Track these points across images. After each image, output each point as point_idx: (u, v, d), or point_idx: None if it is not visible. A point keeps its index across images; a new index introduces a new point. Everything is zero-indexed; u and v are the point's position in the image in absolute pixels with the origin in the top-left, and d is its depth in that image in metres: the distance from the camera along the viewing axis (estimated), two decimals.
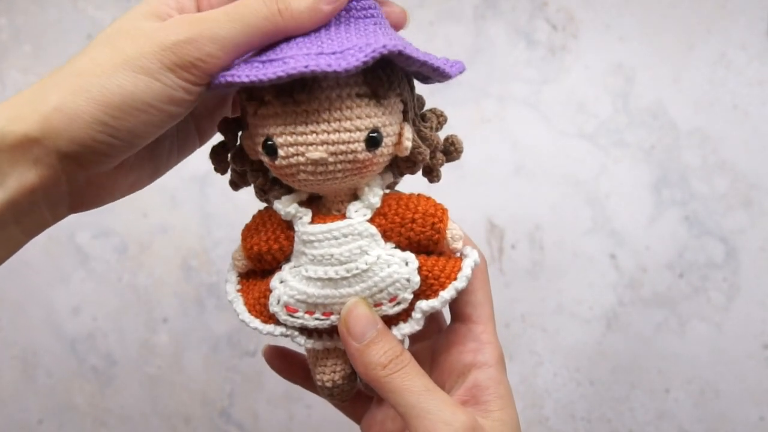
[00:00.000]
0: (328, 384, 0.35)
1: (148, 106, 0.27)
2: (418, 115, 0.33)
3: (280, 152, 0.29)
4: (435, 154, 0.33)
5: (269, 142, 0.29)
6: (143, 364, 0.71)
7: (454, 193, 0.69)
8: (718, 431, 0.67)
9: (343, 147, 0.29)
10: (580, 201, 0.69)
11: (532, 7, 0.70)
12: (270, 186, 0.33)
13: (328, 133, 0.28)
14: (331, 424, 0.71)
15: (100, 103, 0.27)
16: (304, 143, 0.29)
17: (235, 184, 0.34)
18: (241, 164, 0.32)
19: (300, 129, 0.28)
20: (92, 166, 0.29)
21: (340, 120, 0.29)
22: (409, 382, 0.30)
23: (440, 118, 0.33)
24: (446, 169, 0.34)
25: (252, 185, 0.33)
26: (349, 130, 0.29)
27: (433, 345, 0.37)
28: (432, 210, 0.32)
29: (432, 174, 0.34)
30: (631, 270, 0.68)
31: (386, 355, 0.30)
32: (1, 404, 0.72)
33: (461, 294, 0.33)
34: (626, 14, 0.69)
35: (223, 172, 0.34)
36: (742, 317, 0.67)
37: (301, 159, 0.29)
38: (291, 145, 0.29)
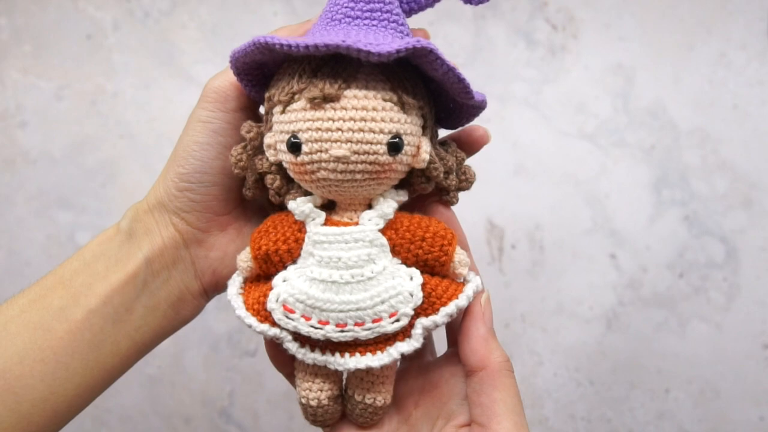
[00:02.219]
0: (313, 403, 0.34)
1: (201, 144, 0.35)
2: (435, 135, 0.34)
3: (305, 148, 0.30)
4: (448, 175, 0.34)
5: (294, 139, 0.30)
6: (143, 364, 0.71)
7: None
8: (718, 431, 0.67)
9: (365, 147, 0.29)
10: (580, 201, 0.69)
11: (532, 7, 0.70)
12: (287, 189, 0.33)
13: (353, 131, 0.29)
14: None
15: (173, 159, 0.35)
16: (329, 140, 0.29)
17: (250, 191, 0.35)
18: (261, 167, 0.33)
19: (326, 125, 0.29)
20: (190, 216, 0.35)
21: (365, 120, 0.29)
22: (517, 389, 0.33)
23: (458, 154, 0.34)
24: None
25: (268, 189, 0.34)
26: (373, 131, 0.30)
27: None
28: (442, 232, 0.33)
29: (448, 195, 0.35)
30: (631, 270, 0.68)
31: (504, 352, 0.33)
32: None
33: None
34: (626, 14, 0.69)
35: (249, 182, 0.35)
36: (742, 317, 0.67)
37: (324, 156, 0.30)
38: (315, 141, 0.29)
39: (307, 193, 0.33)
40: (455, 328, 0.36)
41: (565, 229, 0.69)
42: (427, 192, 0.34)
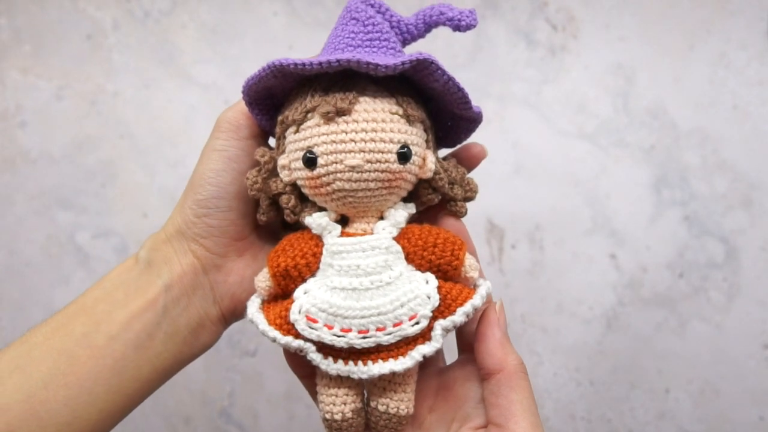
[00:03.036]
0: (338, 417, 0.34)
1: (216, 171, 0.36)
2: (437, 150, 0.37)
3: (320, 161, 0.32)
4: (453, 185, 0.36)
5: (309, 154, 0.32)
6: None
7: None
8: (718, 431, 0.67)
9: (378, 156, 0.32)
10: (580, 201, 0.69)
11: (532, 7, 0.70)
12: (301, 207, 0.35)
13: (365, 141, 0.32)
14: None
15: (190, 188, 0.37)
16: (343, 151, 0.32)
17: (264, 215, 0.36)
18: (275, 188, 0.35)
19: (340, 137, 0.32)
20: (208, 242, 0.37)
21: (376, 131, 0.32)
22: (531, 391, 0.34)
23: (458, 168, 0.37)
24: None
25: (283, 210, 0.36)
26: (384, 141, 0.32)
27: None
28: (452, 239, 0.35)
29: (456, 205, 0.36)
30: (631, 270, 0.68)
31: (518, 356, 0.34)
32: None
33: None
34: (626, 14, 0.69)
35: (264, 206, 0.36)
36: (742, 317, 0.67)
37: (340, 166, 0.32)
38: (331, 153, 0.32)
39: (321, 210, 0.35)
40: (466, 336, 0.38)
41: (565, 229, 0.69)
42: (434, 203, 0.36)
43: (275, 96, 0.35)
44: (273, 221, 0.37)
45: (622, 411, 0.68)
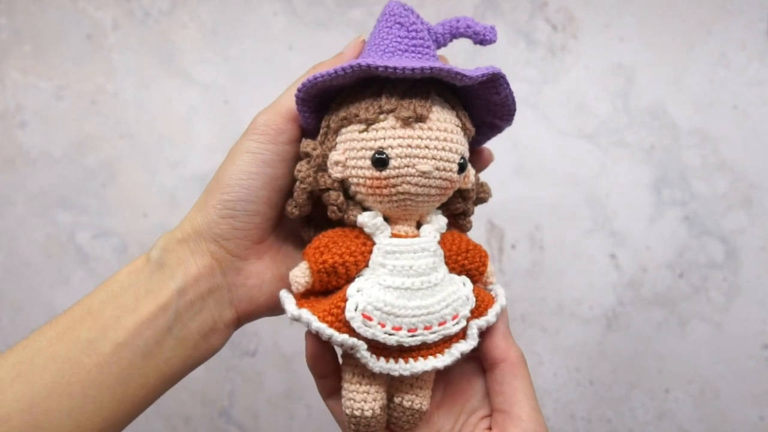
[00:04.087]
0: (368, 413, 0.35)
1: (247, 174, 0.36)
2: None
3: (393, 162, 0.33)
4: (473, 197, 0.38)
5: (380, 155, 0.33)
6: None
7: None
8: (718, 431, 0.67)
9: (445, 164, 0.33)
10: (580, 201, 0.69)
11: (532, 7, 0.70)
12: (347, 205, 0.35)
13: (438, 150, 0.33)
14: (331, 425, 0.71)
15: (216, 187, 0.36)
16: (417, 156, 0.33)
17: (297, 208, 0.36)
18: (324, 183, 0.35)
19: (416, 143, 0.33)
20: (230, 244, 0.36)
21: (447, 140, 0.33)
22: (531, 379, 0.36)
23: (483, 185, 0.40)
24: None
25: (327, 205, 0.35)
26: (451, 151, 0.33)
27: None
28: (479, 247, 0.37)
29: (465, 220, 0.39)
30: (631, 270, 0.68)
31: (519, 347, 0.36)
32: None
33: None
34: (626, 14, 0.69)
35: (300, 205, 0.36)
36: (742, 317, 0.67)
37: (411, 170, 0.33)
38: (405, 156, 0.32)
39: (364, 209, 0.35)
40: None
41: (565, 229, 0.69)
42: (459, 212, 0.38)
43: (326, 94, 0.35)
44: (301, 217, 0.37)
45: (622, 411, 0.68)
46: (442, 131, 0.33)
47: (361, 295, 0.33)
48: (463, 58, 0.70)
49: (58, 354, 0.33)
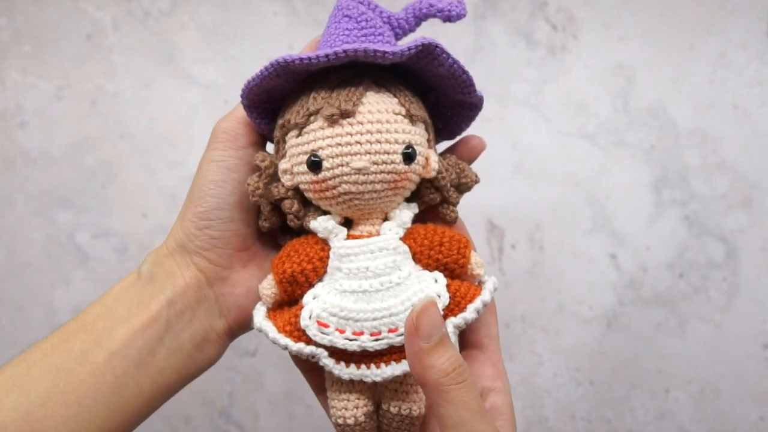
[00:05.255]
0: (350, 421, 0.34)
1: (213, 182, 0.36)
2: (436, 146, 0.37)
3: (326, 164, 0.32)
4: (452, 189, 0.36)
5: (314, 158, 0.32)
6: None
7: None
8: (718, 431, 0.67)
9: (384, 157, 0.32)
10: (580, 201, 0.69)
11: (532, 7, 0.70)
12: (304, 212, 0.35)
13: (371, 143, 0.31)
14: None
15: (189, 201, 0.36)
16: (349, 153, 0.31)
17: (267, 221, 0.36)
18: (277, 193, 0.34)
19: (346, 140, 0.31)
20: (211, 254, 0.36)
21: (381, 132, 0.32)
22: (468, 398, 0.29)
23: (460, 165, 0.36)
24: None
25: (286, 215, 0.35)
26: (389, 142, 0.32)
27: None
28: (458, 236, 0.35)
29: (448, 209, 0.36)
30: (631, 270, 0.68)
31: (450, 362, 0.29)
32: None
33: (479, 324, 0.35)
34: (626, 14, 0.69)
35: (268, 220, 0.36)
36: (742, 317, 0.67)
37: (346, 169, 0.31)
38: (336, 156, 0.31)
39: (324, 213, 0.34)
40: (467, 332, 0.37)
41: (565, 229, 0.69)
42: (436, 202, 0.36)
43: (274, 98, 0.35)
44: (275, 227, 0.37)
45: (622, 411, 0.68)
46: (375, 123, 0.32)
47: (316, 302, 0.32)
48: (463, 58, 0.70)
49: (52, 364, 0.33)
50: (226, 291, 0.37)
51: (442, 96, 0.36)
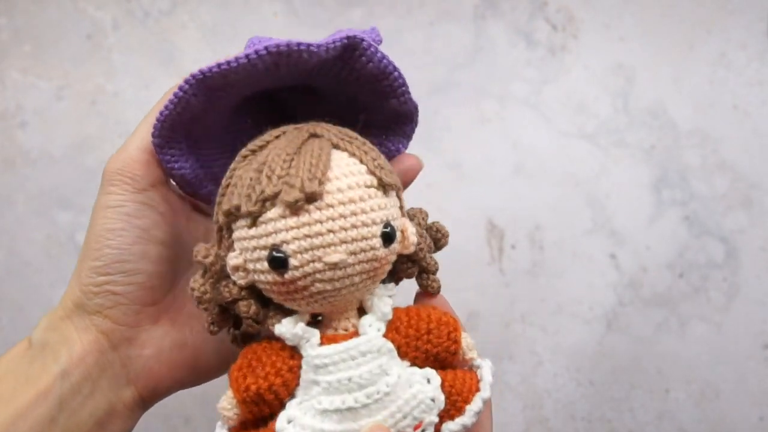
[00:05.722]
0: None
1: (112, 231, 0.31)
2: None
3: (293, 261, 0.25)
4: (428, 258, 0.31)
5: (276, 254, 0.25)
6: None
7: (454, 193, 0.69)
8: (717, 431, 0.67)
9: (361, 244, 0.26)
10: (580, 201, 0.69)
11: (532, 7, 0.70)
12: (264, 313, 0.28)
13: (346, 230, 0.26)
14: None
15: (84, 254, 0.31)
16: (321, 245, 0.25)
17: (215, 326, 0.29)
18: (229, 294, 0.28)
19: (315, 230, 0.25)
20: (115, 312, 0.31)
21: (356, 214, 0.26)
22: None
23: (423, 214, 0.31)
24: (446, 170, 0.35)
25: (241, 319, 0.29)
26: (366, 225, 0.26)
27: None
28: (445, 319, 0.30)
29: (429, 279, 0.31)
30: (631, 270, 0.68)
31: None
32: None
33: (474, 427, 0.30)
34: (626, 14, 0.69)
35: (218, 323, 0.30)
36: (742, 317, 0.67)
37: (318, 265, 0.26)
38: (306, 250, 0.25)
39: (288, 312, 0.28)
40: None
41: (565, 229, 0.69)
42: (413, 276, 0.31)
43: (191, 132, 0.30)
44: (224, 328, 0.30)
45: (622, 411, 0.68)
46: (348, 203, 0.26)
47: (294, 428, 0.27)
48: (463, 58, 0.70)
49: None
50: (133, 354, 0.32)
51: (374, 113, 0.32)
